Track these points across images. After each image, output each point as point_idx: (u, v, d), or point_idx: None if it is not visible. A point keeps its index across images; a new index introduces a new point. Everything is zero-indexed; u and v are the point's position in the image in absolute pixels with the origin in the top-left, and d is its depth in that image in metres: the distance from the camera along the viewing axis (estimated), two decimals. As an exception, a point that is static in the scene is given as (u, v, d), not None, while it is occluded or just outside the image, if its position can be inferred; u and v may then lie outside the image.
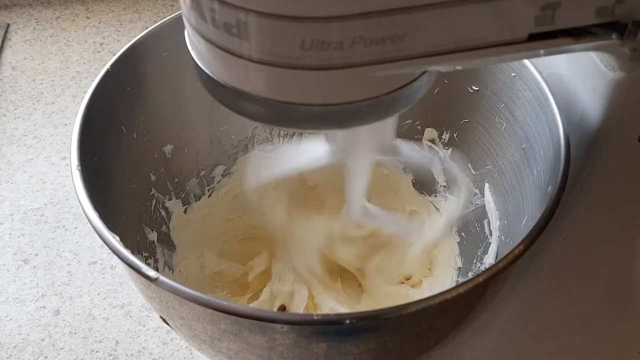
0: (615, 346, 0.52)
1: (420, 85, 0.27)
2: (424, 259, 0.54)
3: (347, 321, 0.28)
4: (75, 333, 0.58)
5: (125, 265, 0.31)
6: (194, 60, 0.27)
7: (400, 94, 0.26)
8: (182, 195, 0.53)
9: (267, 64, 0.24)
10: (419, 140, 0.53)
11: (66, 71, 0.87)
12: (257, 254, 0.55)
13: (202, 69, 0.27)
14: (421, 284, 0.53)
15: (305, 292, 0.52)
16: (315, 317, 0.29)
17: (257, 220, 0.56)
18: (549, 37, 0.26)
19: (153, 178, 0.48)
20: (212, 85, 0.27)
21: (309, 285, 0.52)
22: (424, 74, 0.26)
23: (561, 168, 0.35)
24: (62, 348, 0.57)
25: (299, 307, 0.52)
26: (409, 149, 0.42)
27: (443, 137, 0.51)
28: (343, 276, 0.55)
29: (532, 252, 0.32)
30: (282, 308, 0.52)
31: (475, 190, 0.50)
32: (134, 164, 0.46)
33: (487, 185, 0.48)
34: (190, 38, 0.27)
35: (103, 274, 0.63)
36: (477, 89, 0.46)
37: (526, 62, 0.40)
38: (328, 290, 0.53)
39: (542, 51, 0.27)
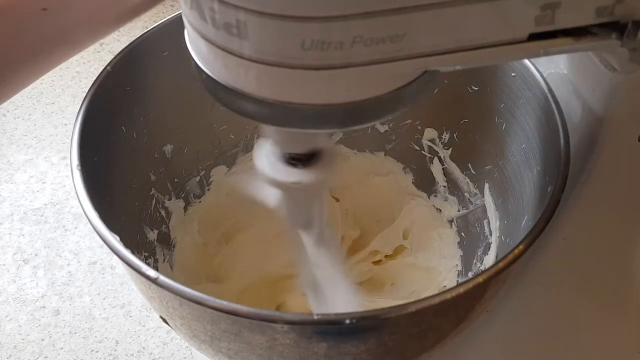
0: (615, 346, 0.51)
1: (421, 85, 0.27)
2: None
3: (347, 321, 0.28)
4: (75, 333, 0.58)
5: (125, 265, 0.31)
6: (193, 60, 0.27)
7: (401, 93, 0.26)
8: (182, 195, 0.53)
9: (267, 64, 0.24)
10: (419, 140, 0.53)
11: (66, 71, 0.87)
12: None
13: (202, 69, 0.27)
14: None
15: None
16: (315, 317, 0.29)
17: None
18: (549, 37, 0.26)
19: (153, 178, 0.48)
20: (212, 85, 0.27)
21: None
22: (424, 74, 0.26)
23: (561, 168, 0.35)
24: (62, 348, 0.57)
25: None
26: None
27: (443, 137, 0.51)
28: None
29: (532, 252, 0.32)
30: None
31: (475, 190, 0.50)
32: (134, 164, 0.46)
33: (487, 185, 0.48)
34: (190, 38, 0.27)
35: (103, 274, 0.63)
36: (477, 89, 0.46)
37: (526, 62, 0.40)
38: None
39: (542, 51, 0.27)
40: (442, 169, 0.53)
